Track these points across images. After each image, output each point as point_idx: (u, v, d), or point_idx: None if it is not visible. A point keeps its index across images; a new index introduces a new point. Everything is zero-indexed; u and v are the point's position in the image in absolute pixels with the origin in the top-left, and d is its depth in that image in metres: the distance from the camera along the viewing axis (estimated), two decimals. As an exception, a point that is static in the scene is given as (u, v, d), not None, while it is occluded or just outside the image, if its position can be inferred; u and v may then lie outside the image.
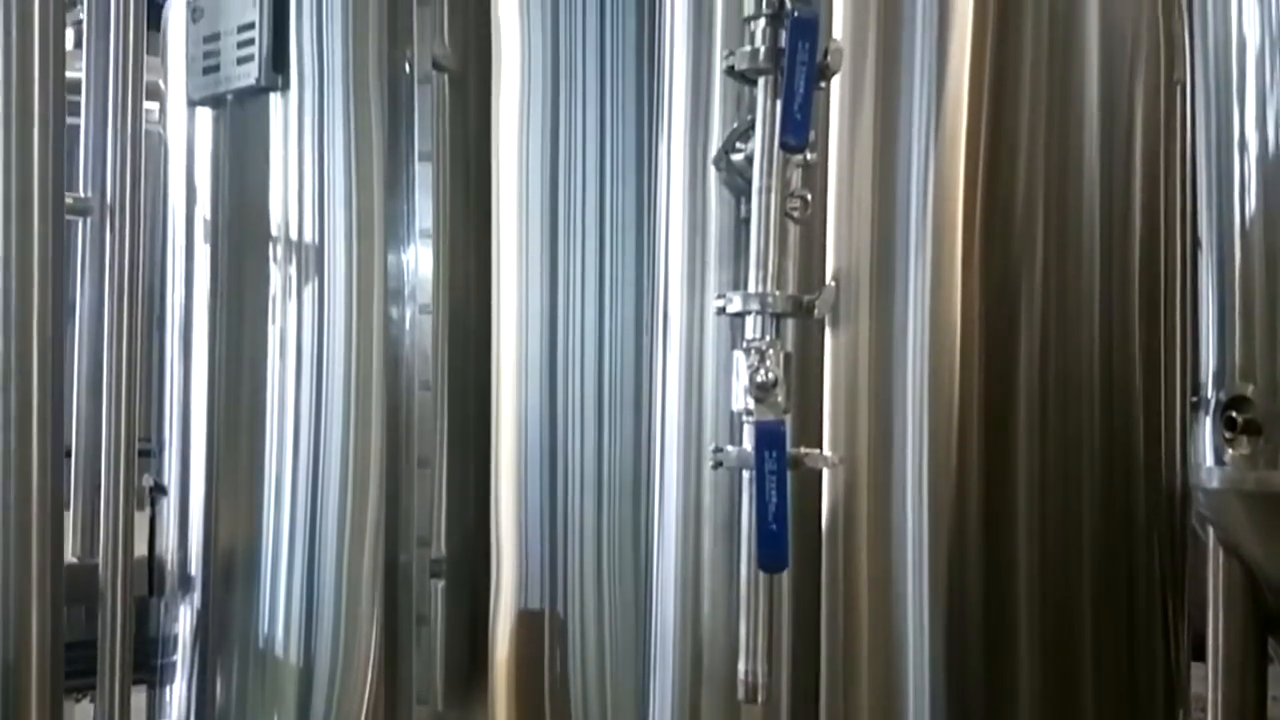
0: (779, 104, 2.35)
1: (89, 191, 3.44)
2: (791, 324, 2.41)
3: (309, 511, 2.90)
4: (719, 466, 2.40)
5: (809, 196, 2.42)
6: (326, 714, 2.90)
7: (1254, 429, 2.62)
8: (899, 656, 2.59)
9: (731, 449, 2.38)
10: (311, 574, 2.89)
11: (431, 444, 2.72)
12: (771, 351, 2.32)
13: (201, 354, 3.20)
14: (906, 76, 2.62)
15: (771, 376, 2.30)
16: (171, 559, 3.29)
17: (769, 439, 2.30)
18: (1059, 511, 2.75)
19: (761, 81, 2.38)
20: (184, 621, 3.23)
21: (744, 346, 2.34)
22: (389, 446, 2.77)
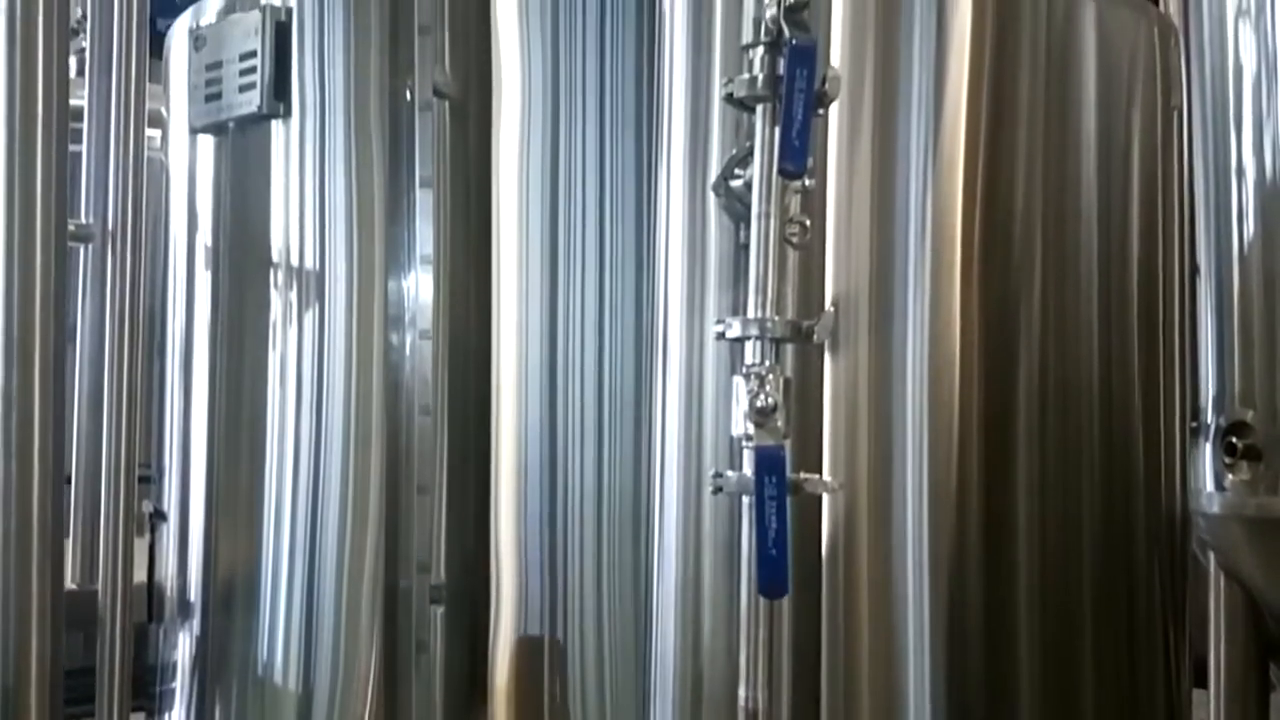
0: (777, 131, 2.36)
1: (91, 218, 3.45)
2: (791, 349, 2.42)
3: (308, 538, 2.89)
4: (719, 492, 2.40)
5: (808, 222, 2.43)
6: (326, 740, 2.89)
7: (1254, 454, 2.62)
8: (900, 682, 2.58)
9: (731, 474, 2.38)
10: (311, 600, 2.88)
11: (431, 470, 2.72)
12: (771, 376, 2.33)
13: (202, 380, 3.20)
14: (904, 104, 2.64)
15: (771, 401, 2.31)
16: (171, 585, 3.28)
17: (769, 464, 2.30)
18: (1059, 535, 2.75)
19: (760, 108, 2.40)
20: (183, 648, 3.22)
21: (743, 371, 2.35)
22: (389, 472, 2.77)
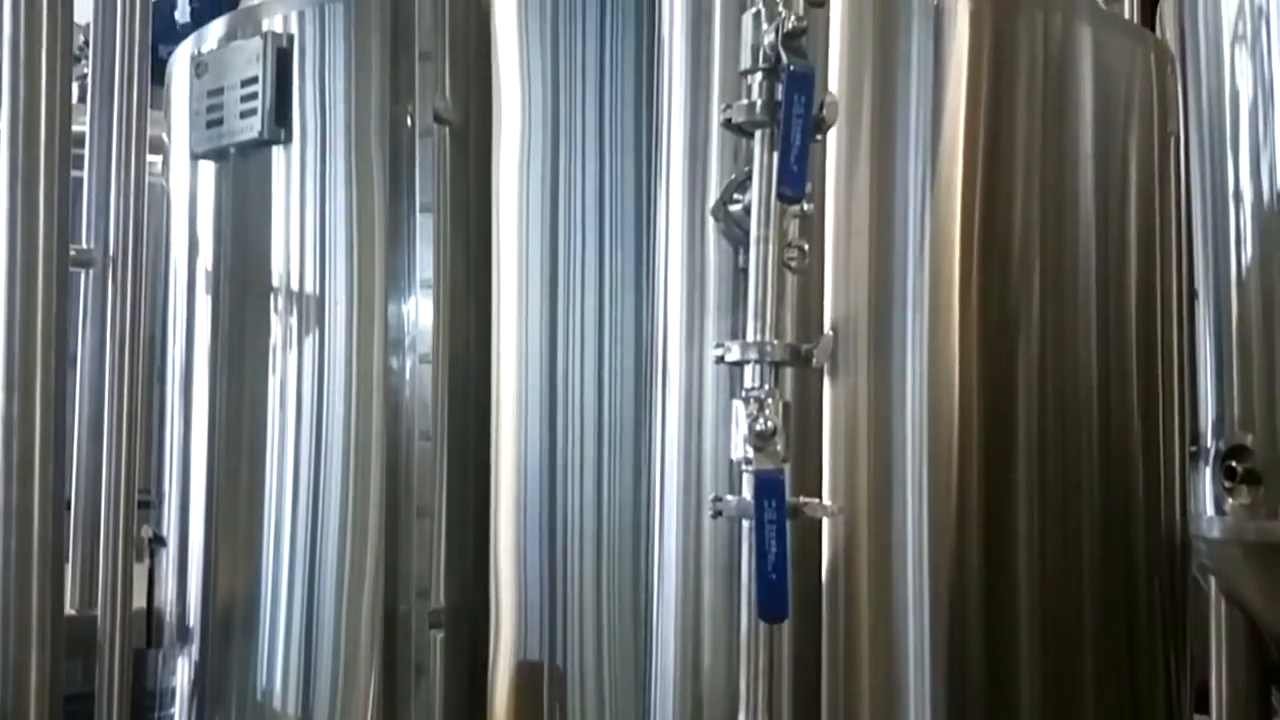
0: (776, 156, 2.37)
1: (92, 243, 3.47)
2: (790, 373, 2.42)
3: (308, 562, 2.89)
4: (718, 516, 2.40)
5: (806, 246, 2.43)
6: (325, 766, 2.88)
7: (1254, 478, 2.62)
8: (900, 707, 2.57)
9: (731, 498, 2.38)
10: (310, 625, 2.87)
11: (431, 494, 2.71)
12: (770, 400, 2.33)
13: (202, 405, 3.20)
14: (902, 129, 2.65)
15: (770, 425, 2.31)
16: (170, 610, 3.28)
17: (768, 488, 2.30)
18: (1060, 559, 2.75)
19: (758, 134, 2.41)
20: (182, 674, 3.21)
21: (743, 395, 2.35)
22: (388, 496, 2.76)
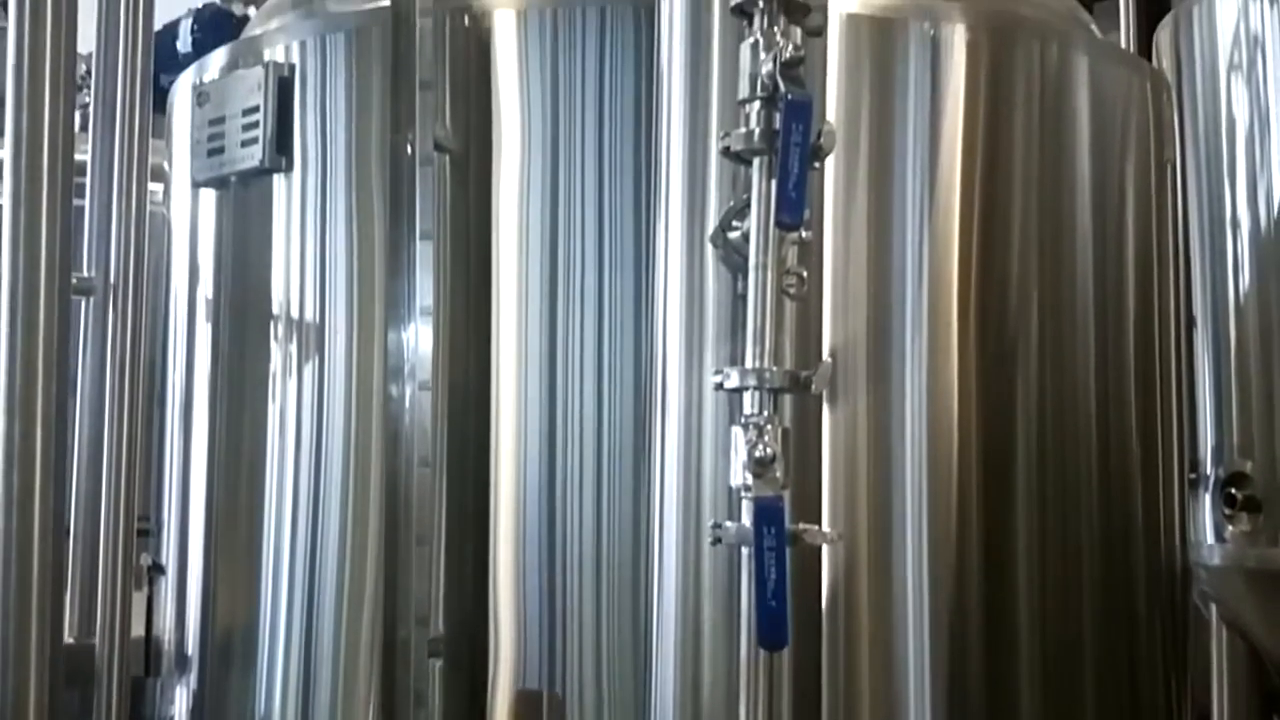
0: (774, 184, 2.38)
1: (93, 271, 3.47)
2: (789, 399, 2.42)
3: (306, 590, 2.88)
4: (718, 543, 2.39)
5: (805, 273, 2.44)
6: (323, 796, 2.87)
7: (1254, 506, 2.62)
8: (900, 734, 2.56)
9: (730, 525, 2.37)
10: (309, 653, 2.86)
11: (430, 521, 2.71)
12: (769, 427, 2.33)
13: (201, 433, 3.20)
14: (899, 157, 2.66)
15: (770, 452, 2.31)
16: (169, 639, 3.27)
17: (767, 515, 2.30)
18: (1060, 586, 2.74)
19: (757, 162, 2.42)
20: (180, 702, 3.20)
21: (742, 422, 2.35)
22: (387, 524, 2.76)
